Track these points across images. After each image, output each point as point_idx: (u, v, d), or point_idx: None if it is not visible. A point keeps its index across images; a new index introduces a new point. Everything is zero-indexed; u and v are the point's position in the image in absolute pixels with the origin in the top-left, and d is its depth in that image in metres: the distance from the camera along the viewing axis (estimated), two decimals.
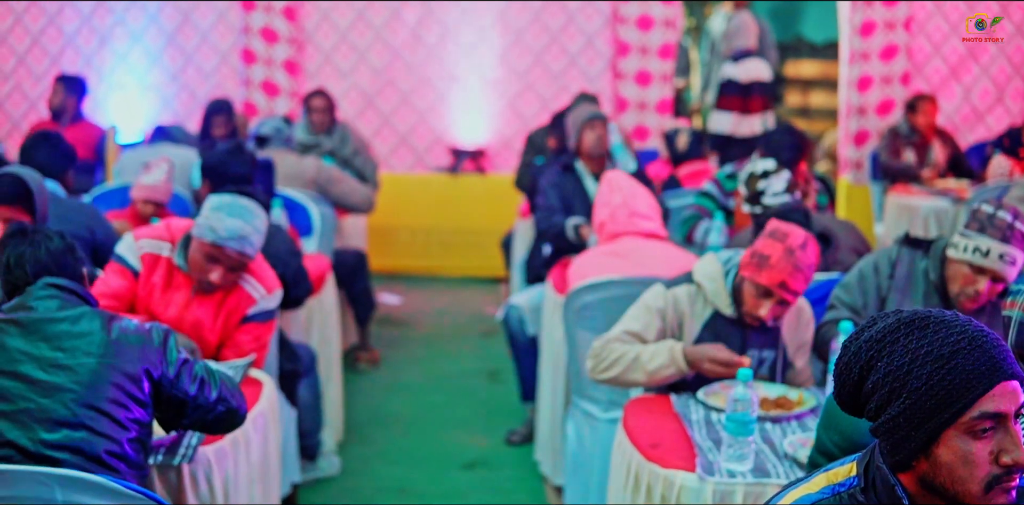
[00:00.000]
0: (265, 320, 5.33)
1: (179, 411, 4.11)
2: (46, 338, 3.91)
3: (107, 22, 12.07)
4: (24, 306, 3.99)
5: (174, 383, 4.05)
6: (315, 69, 12.01)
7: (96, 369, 3.89)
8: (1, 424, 3.79)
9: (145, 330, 4.06)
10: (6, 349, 3.89)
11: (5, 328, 3.93)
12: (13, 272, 4.13)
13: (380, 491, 6.82)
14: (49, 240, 4.17)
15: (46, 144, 6.85)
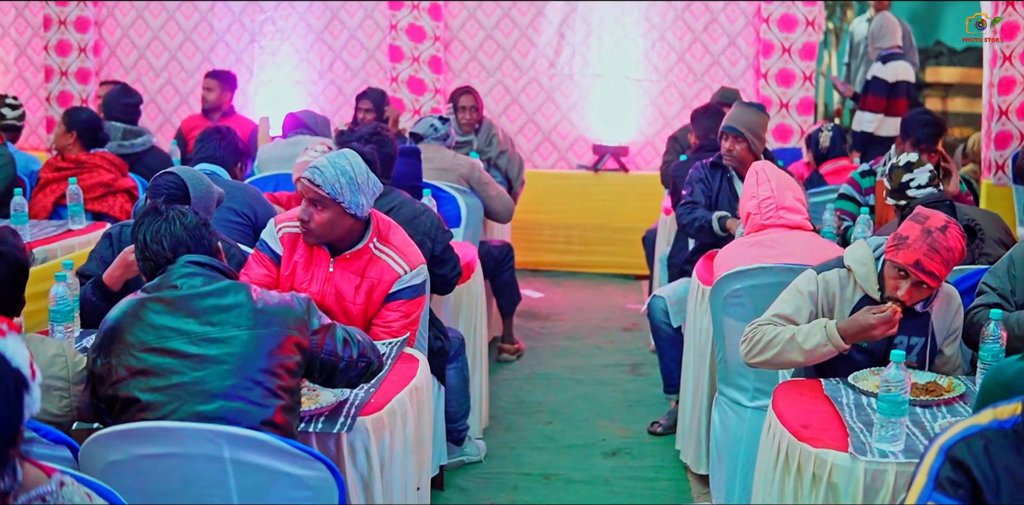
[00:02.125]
0: (412, 297, 5.42)
1: (330, 374, 4.25)
2: (194, 313, 4.01)
3: (257, 19, 12.32)
4: (168, 285, 4.11)
5: (321, 347, 4.16)
6: (460, 66, 12.13)
7: (247, 340, 3.99)
8: (158, 398, 3.90)
9: (287, 300, 4.16)
10: (155, 327, 3.99)
11: (152, 306, 4.04)
12: (150, 247, 4.22)
13: (525, 476, 6.89)
14: (183, 216, 4.27)
15: (216, 136, 7.05)
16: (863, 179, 7.67)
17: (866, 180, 7.65)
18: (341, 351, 4.22)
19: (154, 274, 4.21)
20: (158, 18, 12.47)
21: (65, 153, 8.38)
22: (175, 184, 5.53)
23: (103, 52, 12.63)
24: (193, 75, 12.37)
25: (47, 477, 2.79)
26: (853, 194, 7.62)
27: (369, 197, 5.24)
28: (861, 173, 7.76)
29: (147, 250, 4.22)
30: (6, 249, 3.91)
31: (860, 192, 7.62)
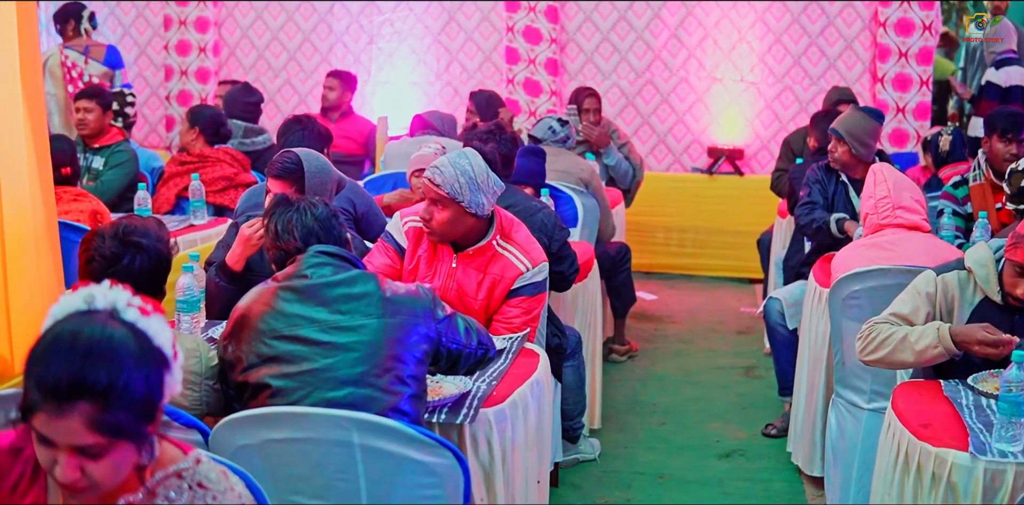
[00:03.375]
0: (534, 293, 5.46)
1: (455, 361, 4.35)
2: (324, 302, 4.10)
3: (375, 21, 12.41)
4: (298, 274, 4.20)
5: (447, 335, 4.25)
6: (576, 69, 12.16)
7: (376, 329, 4.06)
8: (288, 385, 3.99)
9: (414, 290, 4.24)
10: (286, 315, 4.09)
11: (283, 295, 4.14)
12: (282, 237, 4.33)
13: (638, 476, 6.90)
14: (314, 207, 4.38)
15: (297, 126, 7.13)
16: (956, 190, 7.60)
17: (959, 190, 7.57)
18: (464, 339, 4.32)
19: (284, 263, 4.30)
20: (277, 19, 12.61)
21: (189, 149, 8.54)
22: (289, 159, 5.63)
23: (223, 52, 12.79)
24: (312, 75, 12.51)
25: (183, 454, 2.87)
26: (953, 208, 7.53)
27: (490, 196, 5.28)
28: (954, 184, 7.68)
29: (278, 239, 4.31)
30: (148, 242, 4.02)
31: (958, 203, 7.55)
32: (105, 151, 8.53)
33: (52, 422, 2.54)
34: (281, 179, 5.60)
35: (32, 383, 2.55)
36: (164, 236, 4.14)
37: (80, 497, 2.71)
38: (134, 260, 4.03)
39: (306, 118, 7.20)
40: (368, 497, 3.84)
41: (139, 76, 12.90)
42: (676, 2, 11.96)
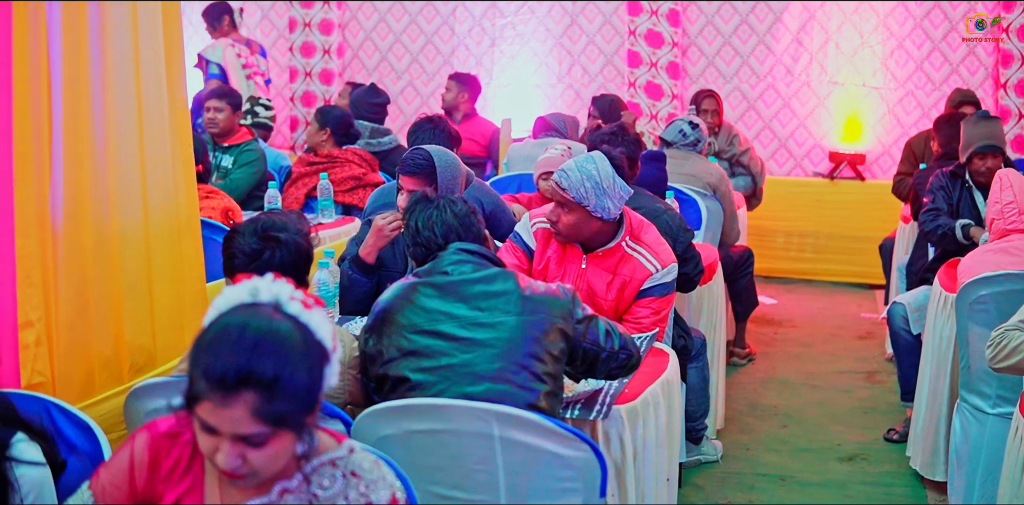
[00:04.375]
0: (663, 294, 5.50)
1: (592, 364, 4.34)
2: (464, 298, 4.17)
3: (497, 24, 12.49)
4: (438, 271, 4.27)
5: (585, 336, 4.27)
6: (698, 72, 12.16)
7: (514, 326, 4.11)
8: (427, 378, 4.07)
9: (553, 289, 4.28)
10: (427, 310, 4.17)
11: (423, 290, 4.21)
12: (422, 234, 4.40)
13: (760, 477, 6.92)
14: (453, 204, 4.44)
15: (428, 126, 7.22)
16: None
17: None
18: (603, 342, 4.32)
19: (425, 259, 4.37)
20: (400, 21, 12.74)
21: (318, 150, 8.64)
22: (422, 156, 5.69)
23: (346, 54, 12.93)
24: (434, 77, 12.62)
25: (337, 443, 2.94)
26: None
27: (616, 201, 5.31)
28: None
29: (419, 236, 4.38)
30: (287, 236, 4.10)
31: None
32: (234, 150, 8.67)
33: (217, 411, 2.61)
34: (414, 176, 5.65)
35: (199, 373, 2.63)
36: (304, 229, 4.21)
37: (239, 483, 2.79)
38: (274, 255, 4.10)
39: (437, 118, 7.28)
40: (507, 489, 3.90)
41: None
42: (798, 6, 11.92)
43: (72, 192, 4.22)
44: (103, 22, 4.42)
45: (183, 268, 4.81)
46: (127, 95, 4.55)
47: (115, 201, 4.44)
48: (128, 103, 4.55)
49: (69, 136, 4.22)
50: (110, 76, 4.44)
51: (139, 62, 4.61)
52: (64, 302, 4.17)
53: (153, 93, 4.70)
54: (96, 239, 4.34)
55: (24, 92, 4.03)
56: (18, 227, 3.99)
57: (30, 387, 3.97)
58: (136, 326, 4.52)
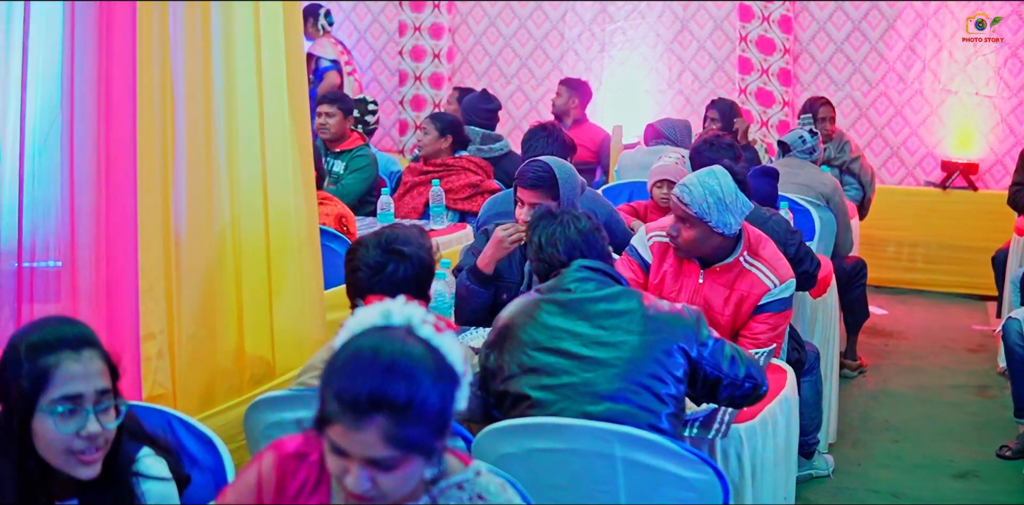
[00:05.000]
0: (780, 309, 5.43)
1: (713, 388, 4.27)
2: (586, 317, 4.14)
3: (607, 29, 12.44)
4: (561, 288, 4.24)
5: (708, 361, 4.20)
6: (809, 79, 12.04)
7: (637, 346, 4.07)
8: (547, 396, 4.05)
9: (678, 309, 4.23)
10: (548, 327, 4.15)
11: (546, 307, 4.19)
12: (545, 250, 4.38)
13: (872, 493, 6.83)
14: (577, 220, 4.41)
15: (542, 133, 7.21)
16: None
17: None
18: (727, 367, 4.24)
19: (547, 275, 4.34)
20: (510, 26, 12.73)
21: (432, 158, 8.61)
22: (542, 168, 5.66)
23: (456, 58, 12.95)
24: (543, 82, 12.60)
25: (464, 466, 2.92)
26: None
27: (738, 216, 5.26)
28: None
29: (541, 252, 4.36)
30: (410, 250, 4.10)
31: None
32: (346, 155, 8.70)
33: (349, 434, 2.60)
34: (535, 189, 5.63)
35: (331, 395, 2.63)
36: (427, 244, 4.21)
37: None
38: (398, 268, 4.10)
39: (551, 125, 7.27)
40: None
41: (373, 80, 13.12)
42: (911, 12, 11.78)
43: (194, 203, 4.24)
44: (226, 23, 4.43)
45: (302, 279, 4.81)
46: (249, 99, 4.56)
47: (237, 211, 4.47)
48: (250, 108, 4.56)
49: (192, 146, 4.24)
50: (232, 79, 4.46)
51: (261, 65, 4.61)
52: (186, 314, 4.20)
53: (274, 98, 4.70)
54: (218, 250, 4.36)
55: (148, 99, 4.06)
56: (141, 240, 4.02)
57: (151, 399, 4.00)
58: (256, 337, 4.54)
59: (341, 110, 8.81)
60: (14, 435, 3.03)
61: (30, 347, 3.01)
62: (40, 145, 4.15)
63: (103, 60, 4.08)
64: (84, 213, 4.05)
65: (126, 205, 4.01)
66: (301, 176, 4.84)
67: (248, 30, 4.56)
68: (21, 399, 2.99)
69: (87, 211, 4.04)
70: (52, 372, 2.98)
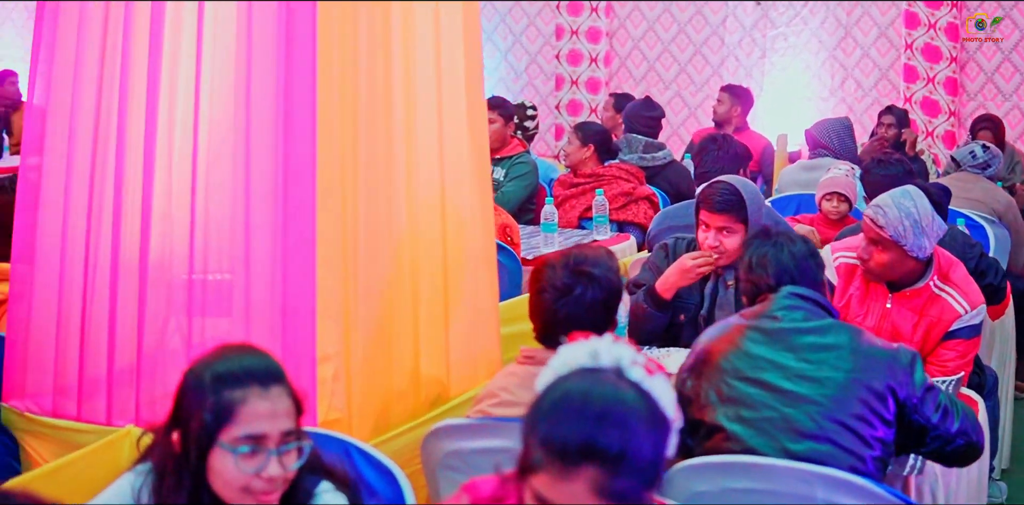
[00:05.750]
0: (970, 336, 5.20)
1: (919, 437, 4.01)
2: (792, 348, 3.94)
3: (769, 35, 12.26)
4: (768, 315, 4.04)
5: (917, 407, 3.94)
6: (976, 89, 11.76)
7: (843, 383, 3.87)
8: (744, 430, 3.87)
9: (892, 348, 4.01)
10: (751, 356, 3.96)
11: (750, 335, 4.00)
12: (755, 271, 4.18)
13: None
14: (792, 243, 4.20)
15: (713, 145, 7.03)
16: None
17: None
18: (936, 418, 3.97)
19: (754, 298, 4.17)
20: (669, 31, 12.58)
21: (580, 168, 8.47)
22: (728, 191, 5.44)
23: (613, 63, 12.83)
24: (702, 88, 12.45)
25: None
26: None
27: (932, 239, 5.04)
28: None
29: (751, 273, 4.18)
30: (599, 272, 3.94)
31: None
32: (506, 162, 8.57)
33: (555, 484, 2.45)
34: (724, 213, 5.37)
35: (537, 441, 2.47)
36: (614, 266, 4.05)
37: None
38: (586, 291, 3.94)
39: (722, 137, 7.12)
40: None
41: (529, 84, 13.01)
42: None
43: (373, 217, 4.10)
44: (406, 25, 4.30)
45: (478, 296, 4.64)
46: (428, 106, 4.40)
47: (415, 227, 4.31)
48: (429, 118, 4.41)
49: (371, 156, 4.11)
50: (412, 85, 4.31)
51: (440, 69, 4.46)
52: (362, 334, 4.05)
53: (453, 104, 4.54)
54: (395, 266, 4.21)
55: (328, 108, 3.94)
56: (320, 257, 3.89)
57: (326, 424, 3.86)
58: (432, 357, 4.38)
59: (502, 116, 8.68)
60: (191, 467, 2.91)
61: (216, 378, 2.88)
62: (214, 156, 4.05)
63: (282, 65, 3.96)
64: (260, 228, 3.93)
65: (306, 221, 3.87)
66: (478, 187, 4.68)
67: (428, 31, 4.41)
68: (202, 431, 2.87)
69: (264, 226, 3.93)
70: (238, 408, 2.85)
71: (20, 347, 4.29)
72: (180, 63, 4.08)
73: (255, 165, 3.95)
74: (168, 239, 4.06)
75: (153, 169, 4.07)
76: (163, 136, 4.08)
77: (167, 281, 4.09)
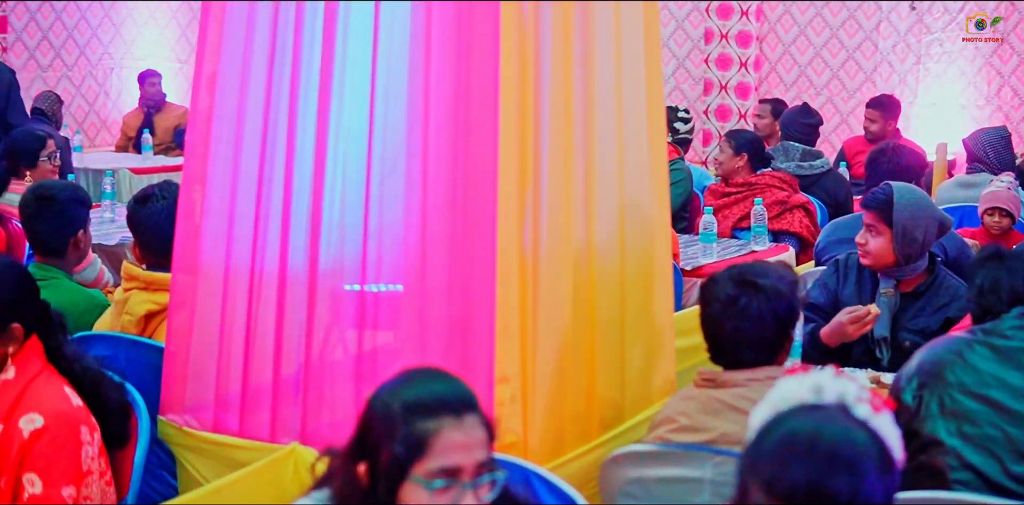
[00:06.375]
0: None
1: None
2: (1020, 367, 3.74)
3: (924, 40, 12.06)
4: (998, 333, 3.85)
5: None
6: None
7: None
8: (964, 446, 3.70)
9: None
10: (978, 371, 3.79)
11: (979, 350, 3.84)
12: (986, 297, 4.01)
13: None
14: None
15: (882, 158, 6.93)
16: None
17: None
18: None
19: (983, 317, 3.97)
20: (820, 35, 12.38)
21: (732, 177, 8.28)
22: (882, 191, 5.28)
23: (763, 67, 12.61)
24: (854, 95, 12.21)
25: None
26: None
27: None
28: None
29: (982, 298, 4.02)
30: (766, 282, 3.79)
31: None
32: None
33: None
34: (868, 209, 5.27)
35: (759, 483, 2.29)
36: (789, 277, 3.85)
37: None
38: (751, 302, 3.74)
39: (892, 148, 6.94)
40: None
41: (676, 89, 12.81)
42: None
43: (554, 230, 3.90)
44: (587, 25, 4.09)
45: (655, 312, 4.42)
46: (608, 110, 4.18)
47: (593, 240, 4.10)
48: (609, 124, 4.19)
49: (553, 165, 3.91)
50: (592, 87, 4.09)
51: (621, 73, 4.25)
52: (541, 354, 3.85)
53: (634, 109, 4.31)
54: (573, 281, 4.00)
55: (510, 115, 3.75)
56: (499, 273, 3.70)
57: (502, 448, 3.65)
58: (608, 378, 4.16)
59: None
60: (379, 501, 2.73)
61: (407, 408, 2.69)
62: (388, 164, 3.88)
63: (462, 69, 3.78)
64: (437, 240, 3.76)
65: (485, 235, 3.68)
66: (657, 196, 4.46)
67: (609, 32, 4.20)
68: (393, 465, 2.68)
69: (441, 238, 3.75)
70: (431, 440, 2.66)
71: (180, 359, 4.16)
72: (353, 66, 3.92)
73: (432, 173, 3.79)
74: (338, 249, 3.91)
75: (323, 177, 3.92)
76: (334, 142, 3.93)
77: (336, 292, 3.94)
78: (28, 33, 13.82)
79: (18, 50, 13.71)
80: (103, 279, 6.06)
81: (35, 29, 13.86)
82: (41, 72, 13.88)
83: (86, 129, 13.93)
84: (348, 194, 3.92)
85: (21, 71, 13.10)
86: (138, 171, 10.89)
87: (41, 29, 13.90)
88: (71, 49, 14.17)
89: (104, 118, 14.49)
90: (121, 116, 13.51)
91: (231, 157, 4.09)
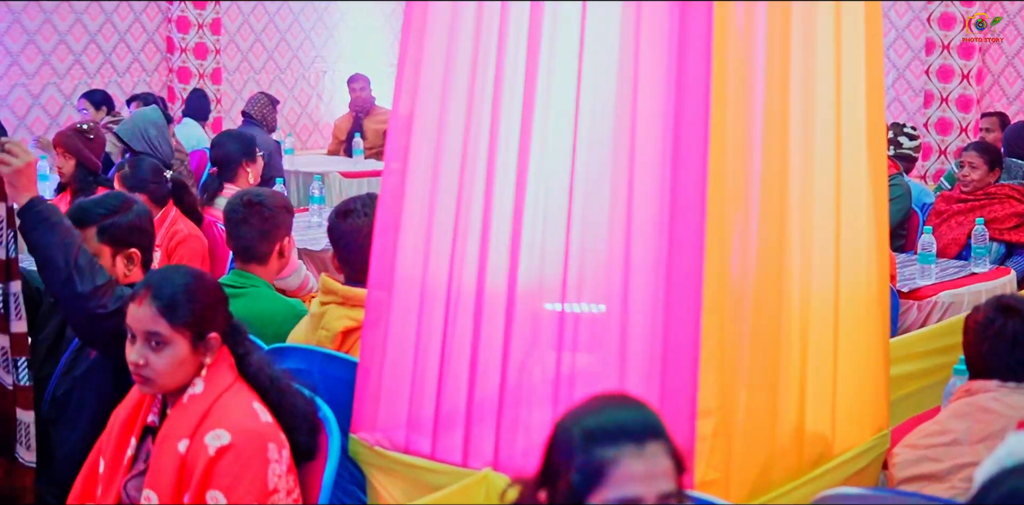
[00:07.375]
0: None
1: None
2: None
3: None
4: None
5: None
6: None
7: None
8: None
9: None
10: None
11: None
12: None
13: None
14: None
15: None
16: None
17: None
18: None
19: None
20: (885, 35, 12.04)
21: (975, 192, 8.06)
22: None
23: (986, 80, 12.37)
24: None
25: None
26: None
27: None
28: None
29: None
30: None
31: None
32: None
33: None
34: None
35: None
36: None
37: None
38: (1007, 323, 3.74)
39: None
40: None
41: (895, 101, 12.60)
42: None
43: (765, 258, 3.70)
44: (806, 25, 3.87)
45: (870, 340, 4.18)
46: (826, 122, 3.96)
47: (807, 263, 3.87)
48: (827, 135, 3.96)
49: (767, 182, 3.70)
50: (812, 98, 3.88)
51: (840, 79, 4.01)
52: (748, 385, 3.65)
53: (853, 118, 4.08)
54: (785, 309, 3.79)
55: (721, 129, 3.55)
56: (706, 301, 3.51)
57: (702, 486, 3.47)
58: (818, 411, 3.93)
59: None
60: None
61: (586, 434, 2.55)
62: (593, 181, 3.70)
63: (672, 81, 3.58)
64: (642, 263, 3.57)
65: (692, 257, 3.49)
66: (876, 214, 4.20)
67: (829, 35, 3.96)
68: (570, 493, 2.55)
69: (646, 261, 3.56)
70: (609, 469, 2.52)
71: (373, 377, 4.03)
72: (559, 76, 3.75)
73: (638, 191, 3.59)
74: (539, 268, 3.74)
75: (525, 193, 3.75)
76: (537, 157, 3.76)
77: (535, 311, 3.77)
78: (241, 35, 13.91)
79: (231, 52, 13.81)
80: (307, 285, 5.97)
81: (248, 31, 13.94)
82: (254, 74, 13.97)
83: (298, 132, 14.02)
84: (550, 211, 3.75)
85: (233, 73, 13.23)
86: (348, 175, 10.89)
87: (254, 31, 13.99)
88: (284, 52, 14.25)
89: (316, 121, 14.58)
90: (333, 119, 13.56)
91: (430, 171, 3.95)
